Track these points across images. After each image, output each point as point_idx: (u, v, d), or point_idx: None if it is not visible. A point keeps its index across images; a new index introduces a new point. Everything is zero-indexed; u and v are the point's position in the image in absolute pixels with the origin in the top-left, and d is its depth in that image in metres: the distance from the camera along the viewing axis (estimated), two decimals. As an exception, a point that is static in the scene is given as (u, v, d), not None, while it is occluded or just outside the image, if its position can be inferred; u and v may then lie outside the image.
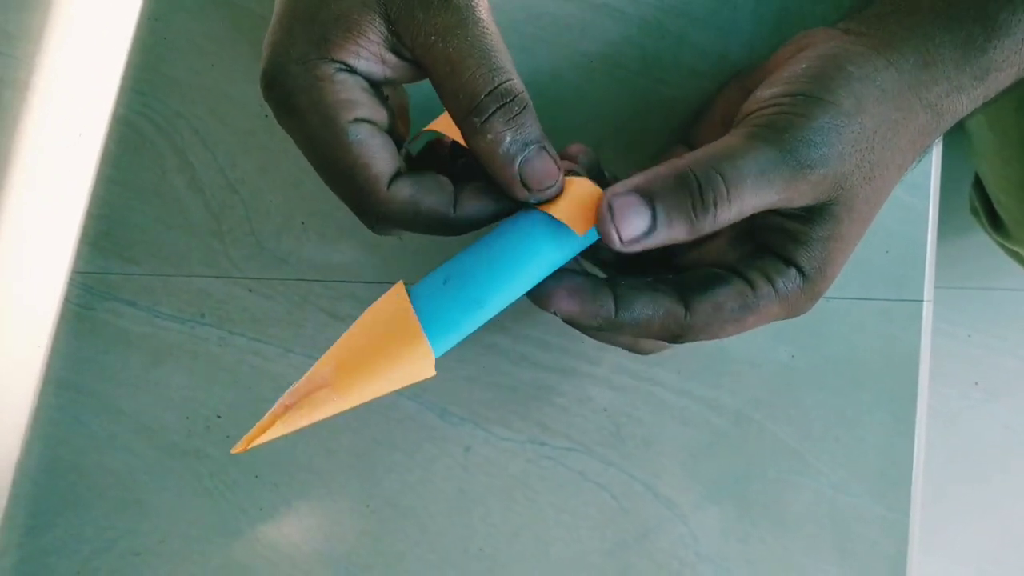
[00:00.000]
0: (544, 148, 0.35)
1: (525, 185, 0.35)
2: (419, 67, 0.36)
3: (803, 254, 0.36)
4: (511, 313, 0.46)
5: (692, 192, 0.33)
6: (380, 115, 0.36)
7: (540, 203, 0.36)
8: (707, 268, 0.38)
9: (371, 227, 0.37)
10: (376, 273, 0.47)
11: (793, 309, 0.37)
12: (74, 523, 0.49)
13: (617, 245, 0.34)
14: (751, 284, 0.37)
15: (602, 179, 0.40)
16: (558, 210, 0.35)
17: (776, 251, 0.37)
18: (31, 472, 0.49)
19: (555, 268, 0.36)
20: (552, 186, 0.35)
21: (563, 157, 0.39)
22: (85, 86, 0.49)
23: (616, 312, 0.36)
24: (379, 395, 0.34)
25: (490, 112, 0.34)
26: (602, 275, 0.39)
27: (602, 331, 0.37)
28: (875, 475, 0.47)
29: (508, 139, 0.34)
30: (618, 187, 0.34)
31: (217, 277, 0.48)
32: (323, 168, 0.36)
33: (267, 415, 0.34)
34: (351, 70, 0.35)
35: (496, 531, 0.48)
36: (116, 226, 0.48)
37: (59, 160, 0.49)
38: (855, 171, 0.35)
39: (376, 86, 0.36)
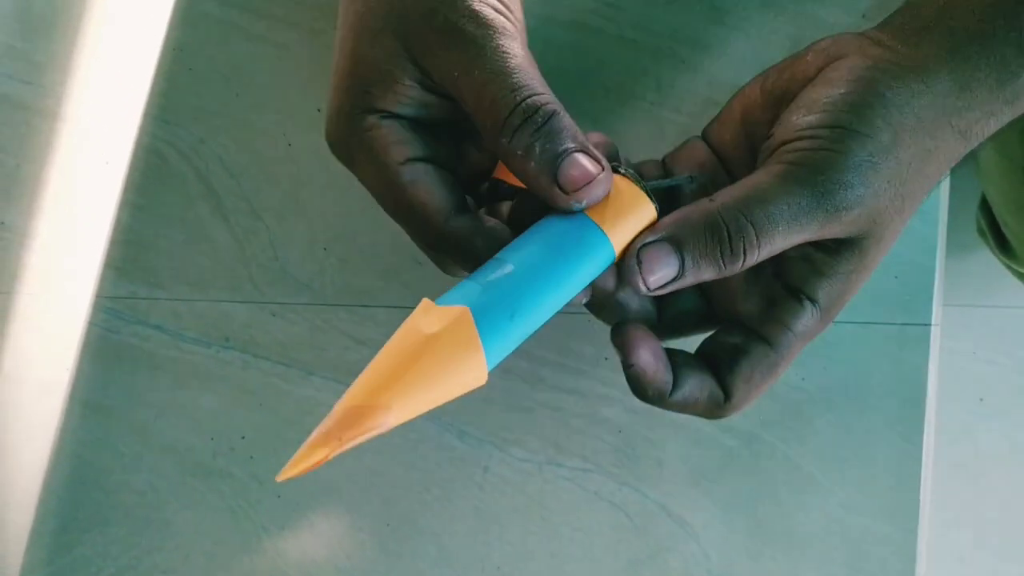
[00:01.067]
0: (580, 151, 0.34)
1: (563, 189, 0.34)
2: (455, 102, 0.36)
3: (824, 287, 0.36)
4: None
5: (722, 240, 0.33)
6: (435, 152, 0.37)
7: (587, 207, 0.35)
8: (723, 335, 0.39)
9: (437, 262, 0.38)
10: (398, 298, 0.48)
11: (809, 339, 0.38)
12: (100, 541, 0.49)
13: (642, 292, 0.34)
14: (772, 343, 0.37)
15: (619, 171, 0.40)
16: (603, 218, 0.35)
17: (795, 284, 0.37)
18: (58, 491, 0.50)
19: (596, 275, 0.35)
20: (591, 185, 0.34)
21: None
22: (111, 114, 0.50)
23: (671, 392, 0.37)
24: (432, 406, 0.32)
25: (515, 128, 0.34)
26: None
27: (648, 401, 0.38)
28: (884, 495, 0.47)
29: (538, 150, 0.33)
30: (648, 235, 0.34)
31: (242, 302, 0.49)
32: (390, 210, 0.37)
33: (317, 436, 0.32)
34: (395, 116, 0.36)
35: (513, 549, 0.48)
36: (142, 252, 0.49)
37: (86, 187, 0.50)
38: (889, 206, 0.34)
39: (426, 128, 0.37)
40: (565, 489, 0.48)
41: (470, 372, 0.32)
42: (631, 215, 0.35)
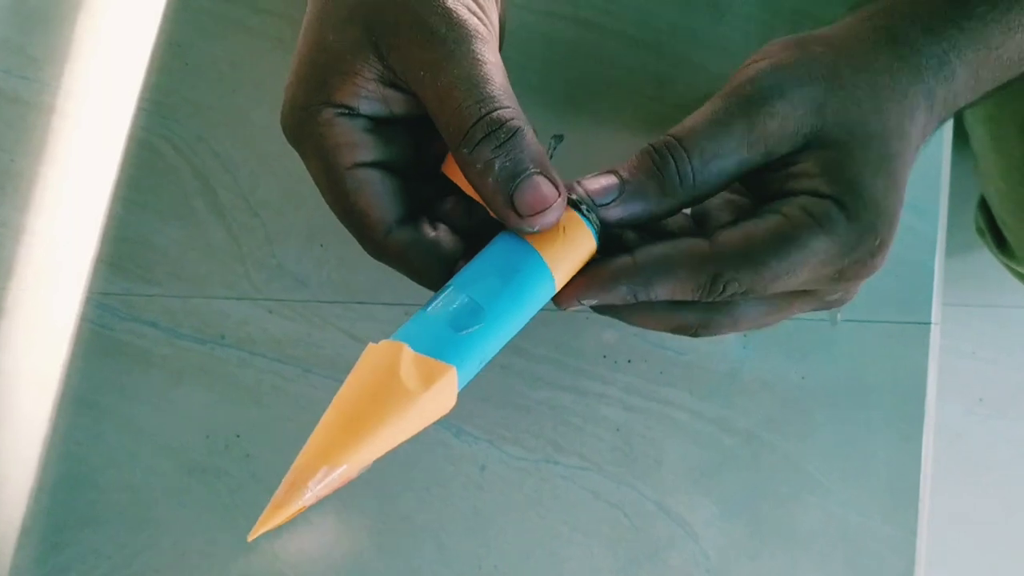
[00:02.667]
0: (539, 174, 0.33)
1: (516, 212, 0.33)
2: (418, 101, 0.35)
3: (826, 182, 0.34)
4: (525, 334, 0.46)
5: (651, 155, 0.34)
6: (388, 153, 0.36)
7: (539, 231, 0.34)
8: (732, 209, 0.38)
9: (377, 259, 0.38)
10: (395, 295, 0.48)
11: (848, 245, 0.34)
12: (93, 540, 0.49)
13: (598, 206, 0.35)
14: (787, 216, 0.34)
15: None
16: (551, 252, 0.34)
17: (804, 192, 0.35)
18: (51, 489, 0.49)
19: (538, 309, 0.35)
20: (546, 212, 0.34)
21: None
22: (108, 109, 0.49)
23: (634, 253, 0.35)
24: (396, 442, 0.33)
25: (477, 141, 0.33)
26: None
27: (624, 286, 0.35)
28: (883, 494, 0.47)
29: (497, 166, 0.33)
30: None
31: (238, 298, 0.49)
32: (332, 208, 0.37)
33: (281, 493, 0.33)
34: (352, 112, 0.35)
35: (510, 549, 0.48)
36: (138, 248, 0.49)
37: (81, 182, 0.49)
38: (828, 96, 0.34)
39: (384, 123, 0.36)
40: (563, 488, 0.48)
41: (438, 416, 0.34)
42: (575, 249, 0.35)
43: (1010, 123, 0.64)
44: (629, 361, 0.48)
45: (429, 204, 0.39)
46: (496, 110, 0.33)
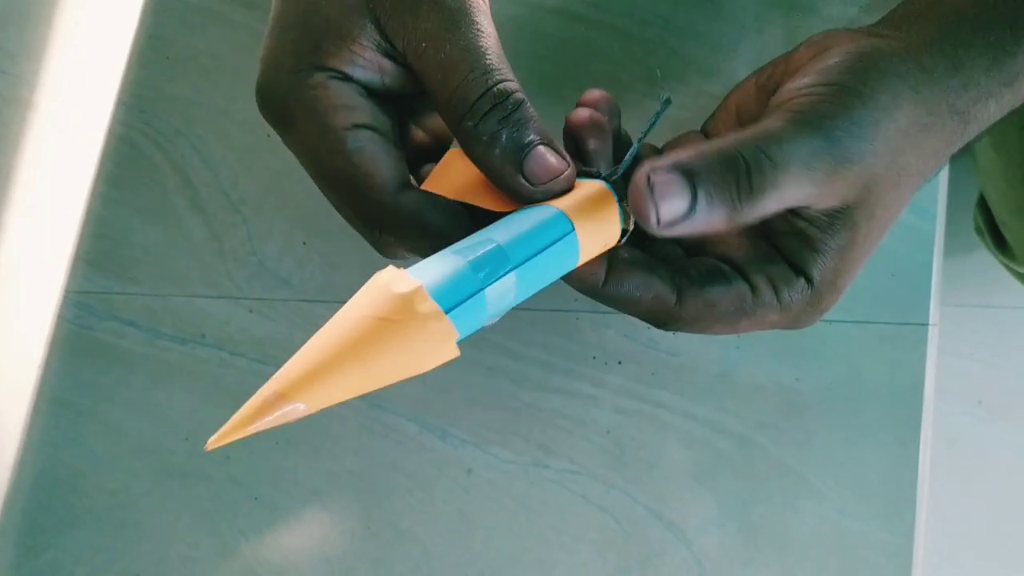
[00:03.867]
0: (546, 144, 0.33)
1: (528, 180, 0.33)
2: (414, 74, 0.34)
3: (816, 263, 0.35)
4: (513, 333, 0.45)
5: (739, 175, 0.31)
6: (382, 122, 0.35)
7: (548, 199, 0.33)
8: (711, 260, 0.37)
9: (377, 245, 0.36)
10: (378, 294, 0.47)
11: (796, 320, 0.36)
12: (71, 544, 0.49)
13: (653, 227, 0.31)
14: (754, 288, 0.35)
15: (619, 142, 0.38)
16: (573, 211, 0.33)
17: (788, 257, 0.35)
18: (27, 492, 0.49)
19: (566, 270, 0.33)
20: (558, 179, 0.33)
21: (582, 104, 0.37)
22: (85, 104, 0.49)
23: (604, 283, 0.34)
24: (392, 379, 0.28)
25: (483, 113, 0.33)
26: None
27: (589, 296, 0.35)
28: (879, 499, 0.46)
29: (504, 137, 0.33)
30: (659, 161, 0.31)
31: (219, 297, 0.48)
32: (325, 180, 0.35)
33: (252, 404, 0.28)
34: (346, 78, 0.34)
35: (498, 554, 0.47)
36: (116, 245, 0.48)
37: (59, 178, 0.49)
38: (884, 173, 0.33)
39: (376, 96, 0.35)
40: (551, 492, 0.47)
41: (433, 363, 0.29)
42: (602, 232, 0.34)
43: (1011, 123, 0.63)
44: (620, 362, 0.47)
45: None
46: (502, 82, 0.33)
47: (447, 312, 0.28)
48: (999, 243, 0.79)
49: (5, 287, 0.49)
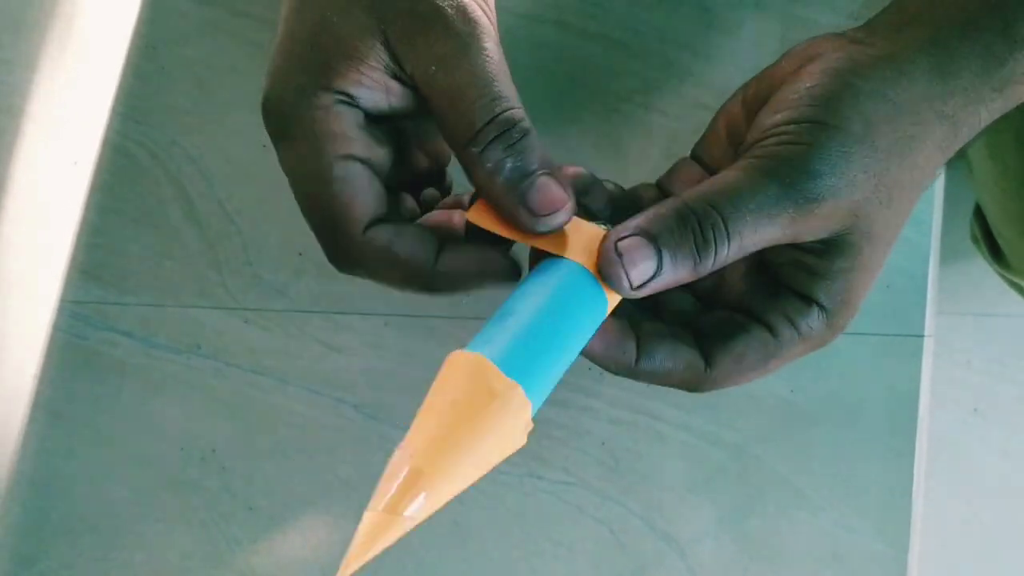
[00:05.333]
0: (549, 175, 0.34)
1: (530, 211, 0.33)
2: (421, 97, 0.35)
3: (823, 289, 0.35)
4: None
5: (693, 230, 0.32)
6: (376, 155, 0.35)
7: (548, 233, 0.34)
8: (724, 312, 0.37)
9: (338, 268, 0.36)
10: (374, 305, 0.47)
11: (816, 345, 0.37)
12: (66, 554, 0.48)
13: (626, 291, 0.33)
14: (772, 331, 0.36)
15: (602, 193, 0.38)
16: (584, 257, 0.34)
17: (794, 288, 0.36)
18: (22, 502, 0.48)
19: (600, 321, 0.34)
20: (560, 212, 0.33)
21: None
22: (81, 114, 0.49)
23: (637, 361, 0.35)
24: (477, 476, 0.30)
25: (488, 140, 0.33)
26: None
27: (623, 376, 0.36)
28: (875, 510, 0.46)
29: (508, 166, 0.33)
30: (621, 229, 0.33)
31: (214, 308, 0.48)
32: (304, 200, 0.35)
33: (363, 531, 0.28)
34: (352, 102, 0.34)
35: (492, 565, 0.47)
36: (111, 255, 0.48)
37: (53, 188, 0.49)
38: (871, 197, 0.33)
39: (378, 121, 0.35)
40: (546, 503, 0.47)
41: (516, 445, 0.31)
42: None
43: (1007, 131, 0.63)
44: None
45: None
46: (508, 110, 0.33)
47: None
48: (995, 253, 0.79)
49: (1, 298, 0.49)
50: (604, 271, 0.33)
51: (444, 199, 0.40)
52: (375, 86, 0.34)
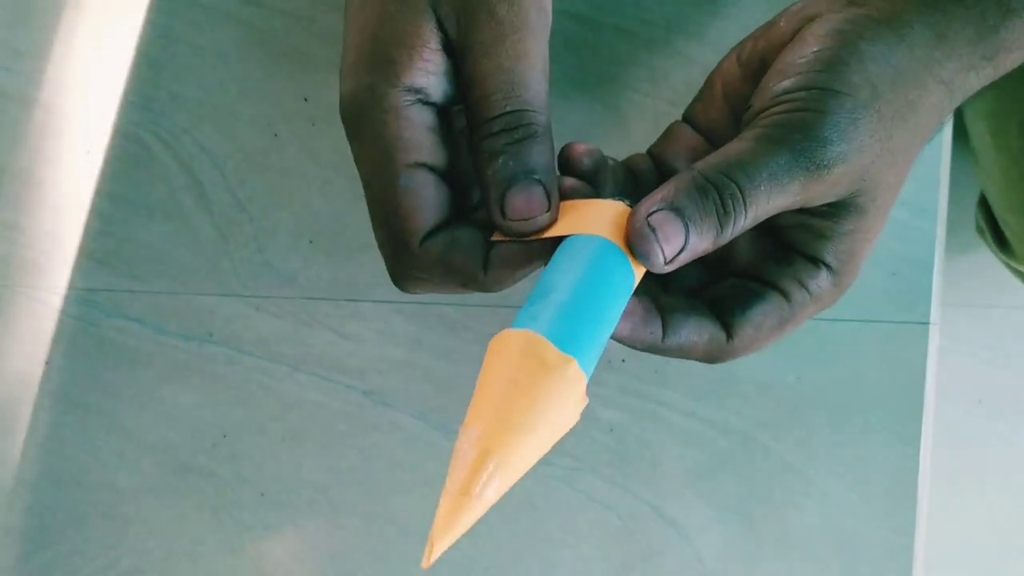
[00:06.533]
0: (538, 183, 0.34)
1: (502, 212, 0.34)
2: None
3: (830, 250, 0.36)
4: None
5: (715, 202, 0.32)
6: (440, 157, 0.35)
7: (518, 234, 0.34)
8: (736, 280, 0.37)
9: (397, 283, 0.36)
10: (385, 293, 0.47)
11: (824, 306, 0.37)
12: (78, 541, 0.49)
13: (659, 266, 0.33)
14: (786, 295, 0.36)
15: (609, 173, 0.38)
16: (610, 233, 0.34)
17: (801, 250, 0.36)
18: (34, 489, 0.49)
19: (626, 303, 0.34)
20: (531, 220, 0.34)
21: (567, 158, 0.37)
22: (93, 102, 0.49)
23: (664, 338, 0.35)
24: (543, 452, 0.30)
25: (493, 133, 0.33)
26: None
27: (649, 352, 0.36)
28: (881, 497, 0.46)
29: (500, 161, 0.33)
30: (649, 204, 0.33)
31: (225, 295, 0.48)
32: (372, 205, 0.35)
33: (442, 515, 0.29)
34: (422, 98, 0.34)
35: (501, 552, 0.47)
36: (123, 243, 0.48)
37: (66, 176, 0.49)
38: (876, 160, 0.34)
39: (446, 113, 0.35)
40: (555, 489, 0.47)
41: (562, 376, 0.30)
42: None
43: (1010, 119, 0.63)
44: (623, 361, 0.47)
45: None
46: (522, 109, 0.33)
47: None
48: (1000, 242, 0.79)
49: (13, 285, 0.49)
50: (637, 247, 0.33)
51: None
52: (439, 71, 0.34)
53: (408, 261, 0.35)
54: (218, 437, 0.48)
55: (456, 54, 0.34)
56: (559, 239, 0.34)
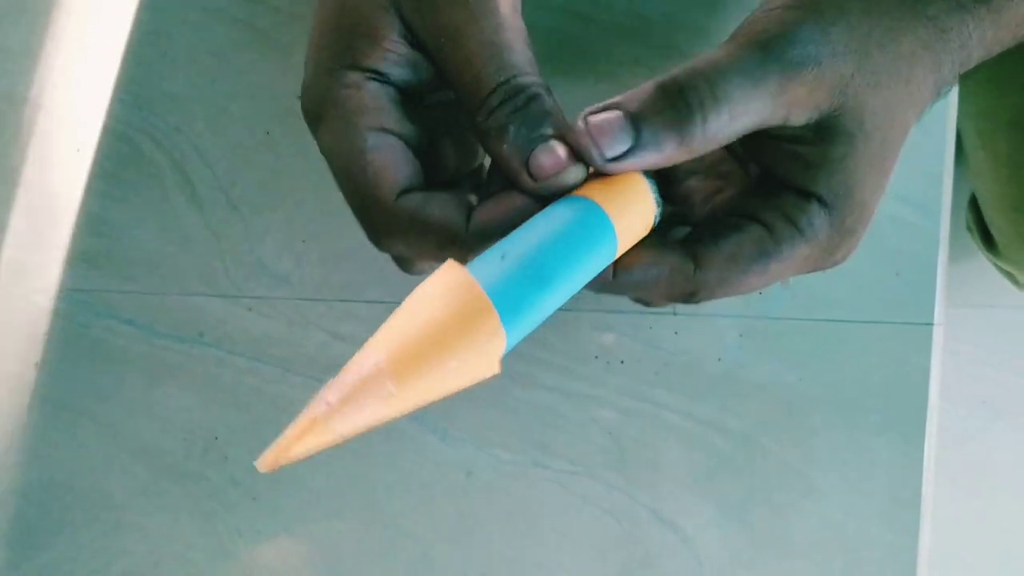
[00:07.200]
0: (555, 137, 0.32)
1: (531, 175, 0.32)
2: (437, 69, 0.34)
3: (820, 179, 0.33)
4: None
5: (674, 99, 0.31)
6: (409, 129, 0.34)
7: (553, 194, 0.33)
8: (720, 217, 0.36)
9: (376, 243, 0.35)
10: (378, 292, 0.47)
11: (829, 250, 0.35)
12: (69, 545, 0.48)
13: (599, 162, 0.32)
14: (768, 227, 0.34)
15: None
16: (607, 201, 0.32)
17: (790, 182, 0.34)
18: (23, 493, 0.48)
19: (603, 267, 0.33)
20: (562, 174, 0.32)
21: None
22: (84, 101, 0.49)
23: (614, 274, 0.34)
24: (442, 393, 0.28)
25: (493, 108, 0.32)
26: None
27: (602, 292, 0.35)
28: (884, 499, 0.46)
29: (511, 132, 0.32)
30: (599, 105, 0.32)
31: (216, 296, 0.48)
32: (339, 176, 0.34)
33: (303, 417, 0.27)
34: (382, 79, 0.34)
35: (497, 556, 0.47)
36: (114, 243, 0.48)
37: (57, 175, 0.49)
38: (856, 76, 0.32)
39: (411, 97, 0.35)
40: (552, 492, 0.47)
41: (478, 325, 0.28)
42: (637, 214, 0.34)
43: (999, 118, 0.63)
44: (622, 362, 0.47)
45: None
46: (514, 77, 0.32)
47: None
48: (987, 241, 0.80)
49: (3, 286, 0.49)
50: (575, 145, 0.32)
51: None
52: (400, 60, 0.34)
53: (381, 218, 0.34)
54: (210, 440, 0.48)
55: (425, 43, 0.33)
56: (548, 198, 0.33)
